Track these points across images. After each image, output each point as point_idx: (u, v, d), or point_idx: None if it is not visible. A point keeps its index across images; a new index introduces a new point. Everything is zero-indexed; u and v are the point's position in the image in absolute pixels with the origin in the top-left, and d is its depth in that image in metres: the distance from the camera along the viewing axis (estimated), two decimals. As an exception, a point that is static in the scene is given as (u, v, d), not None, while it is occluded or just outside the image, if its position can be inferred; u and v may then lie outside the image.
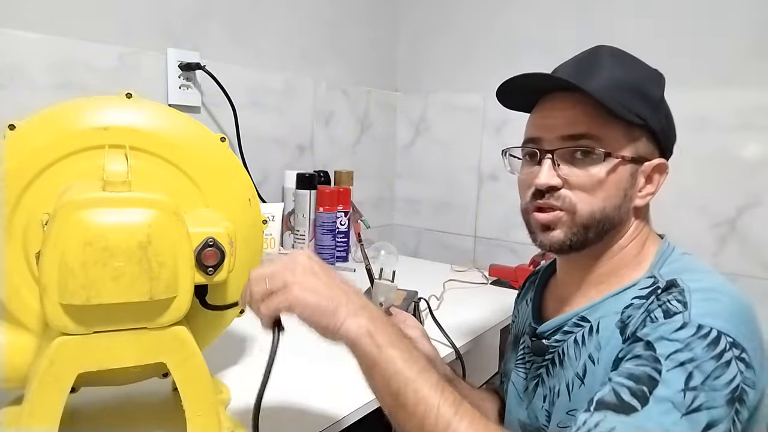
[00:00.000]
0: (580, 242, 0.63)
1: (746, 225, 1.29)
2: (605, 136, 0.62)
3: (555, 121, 0.64)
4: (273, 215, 1.29)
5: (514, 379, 0.76)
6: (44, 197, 0.57)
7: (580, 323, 0.65)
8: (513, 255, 1.63)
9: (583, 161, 0.62)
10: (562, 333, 0.67)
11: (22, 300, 0.58)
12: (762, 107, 1.25)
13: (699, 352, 0.50)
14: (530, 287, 0.82)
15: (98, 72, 1.07)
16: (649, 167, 0.64)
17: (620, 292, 0.63)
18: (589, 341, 0.63)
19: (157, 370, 0.64)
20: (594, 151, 0.61)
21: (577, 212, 0.62)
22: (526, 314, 0.78)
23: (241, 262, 0.63)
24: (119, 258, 0.49)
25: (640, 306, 0.59)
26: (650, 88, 0.64)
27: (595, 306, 0.64)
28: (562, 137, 0.63)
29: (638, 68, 0.66)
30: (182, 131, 0.64)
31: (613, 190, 0.62)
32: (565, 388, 0.64)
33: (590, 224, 0.62)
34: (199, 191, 0.64)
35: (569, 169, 0.63)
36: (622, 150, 0.62)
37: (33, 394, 0.51)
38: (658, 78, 0.66)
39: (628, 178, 0.63)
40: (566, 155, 0.63)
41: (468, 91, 1.70)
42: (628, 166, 0.63)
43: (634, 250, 0.66)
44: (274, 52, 1.44)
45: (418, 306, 0.97)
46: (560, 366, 0.66)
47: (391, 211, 1.91)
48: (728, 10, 1.27)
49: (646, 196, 0.65)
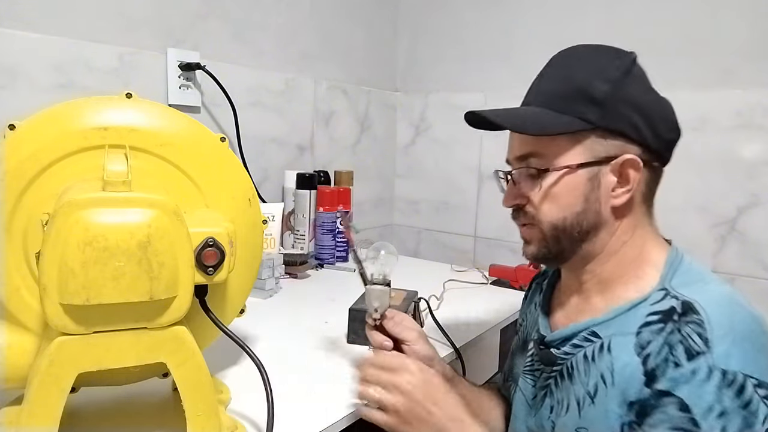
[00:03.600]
0: (556, 252, 0.66)
1: (746, 225, 1.29)
2: (548, 150, 0.63)
3: (512, 143, 0.69)
4: (273, 215, 1.29)
5: (522, 385, 0.75)
6: (44, 197, 0.57)
7: (590, 338, 0.64)
8: (513, 255, 1.63)
9: (533, 177, 0.65)
10: (571, 346, 0.66)
11: (22, 300, 0.58)
12: (762, 107, 1.25)
13: (729, 404, 0.51)
14: (536, 290, 0.82)
15: (98, 72, 1.07)
16: (616, 165, 0.62)
17: (631, 308, 0.61)
18: (599, 359, 0.62)
19: (157, 370, 0.64)
20: (535, 167, 0.64)
21: (542, 226, 0.65)
22: (534, 319, 0.77)
23: (241, 262, 0.63)
24: (119, 258, 0.49)
25: (659, 332, 0.57)
26: (594, 86, 0.61)
27: (606, 322, 0.63)
28: (516, 158, 0.67)
29: (582, 67, 0.64)
30: (182, 131, 0.64)
31: (568, 199, 0.63)
32: (575, 404, 0.63)
33: (557, 234, 0.64)
34: (199, 191, 0.64)
35: (526, 187, 0.66)
36: (567, 159, 0.63)
37: (33, 394, 0.51)
38: (608, 68, 0.62)
39: (586, 183, 0.63)
40: (522, 174, 0.66)
41: (468, 91, 1.70)
42: (579, 171, 0.62)
43: (631, 252, 0.65)
44: (274, 52, 1.44)
45: (418, 306, 0.97)
46: (569, 380, 0.65)
47: (391, 211, 1.91)
48: (728, 9, 1.27)
49: (621, 195, 0.63)
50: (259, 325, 0.96)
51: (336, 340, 0.93)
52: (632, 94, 0.62)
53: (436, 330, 0.96)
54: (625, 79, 0.62)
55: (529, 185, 0.66)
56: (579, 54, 0.66)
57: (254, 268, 0.69)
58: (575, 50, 0.67)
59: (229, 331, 0.59)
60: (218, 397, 0.67)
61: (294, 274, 1.31)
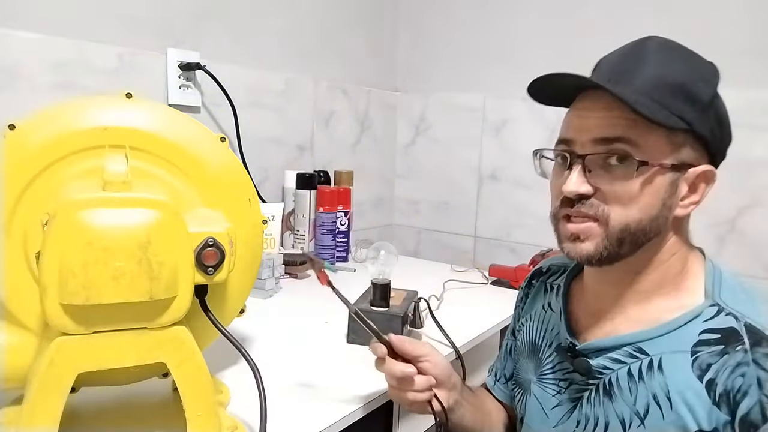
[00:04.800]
0: (612, 256, 0.59)
1: (746, 225, 1.29)
2: (644, 141, 0.56)
3: (589, 122, 0.58)
4: (273, 215, 1.29)
5: (538, 392, 0.71)
6: (44, 197, 0.57)
7: (635, 354, 0.60)
8: (513, 255, 1.63)
9: (617, 168, 0.57)
10: (610, 360, 0.61)
11: (22, 300, 0.58)
12: (762, 107, 1.25)
13: None
14: (542, 290, 0.78)
15: (98, 72, 1.07)
16: (693, 175, 0.59)
17: (682, 326, 0.58)
18: (649, 378, 0.58)
19: (157, 370, 0.64)
20: (629, 157, 0.56)
21: (610, 223, 0.58)
22: (551, 323, 0.73)
23: (241, 262, 0.63)
24: (119, 258, 0.49)
25: (721, 355, 0.55)
26: (698, 87, 0.58)
27: (654, 339, 0.59)
28: (595, 140, 0.58)
29: (688, 64, 0.60)
30: (182, 131, 0.64)
31: (650, 200, 0.57)
32: (617, 423, 0.60)
33: (624, 237, 0.58)
34: (199, 191, 0.64)
35: (602, 177, 0.58)
36: (661, 157, 0.57)
37: (33, 394, 0.51)
38: (710, 75, 0.60)
39: (668, 187, 0.58)
40: (599, 161, 0.58)
41: (468, 91, 1.70)
42: (668, 174, 0.57)
43: (677, 265, 0.61)
44: (274, 52, 1.44)
45: (418, 306, 0.97)
46: (607, 396, 0.61)
47: (391, 211, 1.91)
48: (727, 9, 1.28)
49: (689, 206, 0.60)
50: (258, 325, 0.96)
51: (336, 340, 0.93)
52: (721, 106, 0.61)
53: (436, 330, 0.96)
54: (718, 89, 0.60)
55: (608, 175, 0.57)
56: (680, 49, 0.61)
57: (254, 268, 0.69)
58: (673, 44, 0.61)
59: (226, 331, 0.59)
60: (218, 397, 0.67)
61: (294, 274, 1.31)
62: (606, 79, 0.59)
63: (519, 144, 1.62)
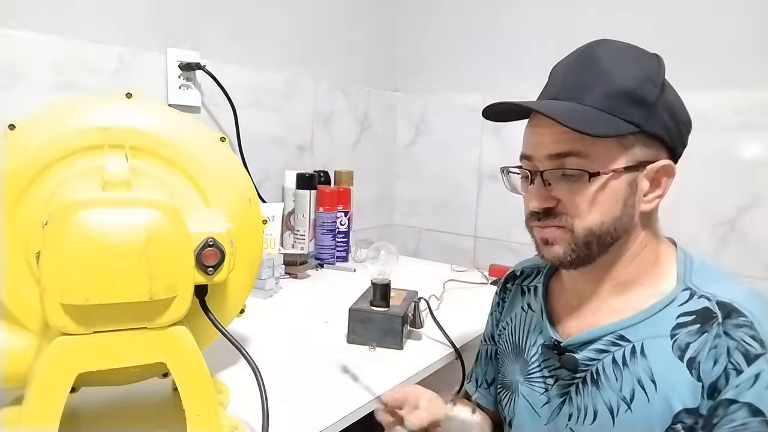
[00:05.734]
0: (583, 257, 0.62)
1: (746, 225, 1.29)
2: (593, 151, 0.59)
3: (543, 138, 0.62)
4: (273, 215, 1.29)
5: (527, 393, 0.71)
6: (44, 197, 0.57)
7: (618, 342, 0.62)
8: (513, 255, 1.63)
9: (572, 180, 0.60)
10: (594, 351, 0.63)
11: (22, 300, 0.58)
12: (762, 107, 1.25)
13: None
14: (523, 293, 0.78)
15: (98, 72, 1.07)
16: (652, 171, 0.61)
17: (659, 311, 0.61)
18: (633, 364, 0.60)
19: (157, 370, 0.64)
20: (581, 170, 0.59)
21: (575, 230, 0.61)
22: (533, 323, 0.74)
23: (241, 262, 0.63)
24: (119, 258, 0.49)
25: (698, 333, 0.57)
26: (646, 89, 0.60)
27: (634, 325, 0.61)
28: (549, 156, 0.61)
29: (634, 66, 0.61)
30: (182, 131, 0.64)
31: (610, 204, 0.60)
32: (606, 411, 0.62)
33: (590, 240, 0.61)
34: (199, 191, 0.64)
35: (561, 188, 0.61)
36: (614, 163, 0.60)
37: (33, 394, 0.51)
38: (655, 72, 0.61)
39: (626, 187, 0.60)
40: (557, 174, 0.61)
41: (468, 91, 1.70)
42: (623, 176, 0.60)
43: (649, 256, 0.64)
44: (274, 52, 1.44)
45: (418, 306, 0.97)
46: (594, 386, 0.63)
47: (391, 211, 1.91)
48: (728, 9, 1.27)
49: (653, 200, 0.63)
50: (258, 325, 0.96)
51: (336, 340, 0.93)
52: (670, 98, 0.62)
53: (436, 330, 0.96)
54: (666, 83, 0.62)
55: (566, 187, 0.61)
56: (621, 52, 0.62)
57: (254, 268, 0.69)
58: (613, 46, 0.63)
59: (226, 331, 0.59)
60: (218, 397, 0.67)
61: (294, 274, 1.31)
62: (556, 94, 0.63)
63: (519, 144, 1.61)
